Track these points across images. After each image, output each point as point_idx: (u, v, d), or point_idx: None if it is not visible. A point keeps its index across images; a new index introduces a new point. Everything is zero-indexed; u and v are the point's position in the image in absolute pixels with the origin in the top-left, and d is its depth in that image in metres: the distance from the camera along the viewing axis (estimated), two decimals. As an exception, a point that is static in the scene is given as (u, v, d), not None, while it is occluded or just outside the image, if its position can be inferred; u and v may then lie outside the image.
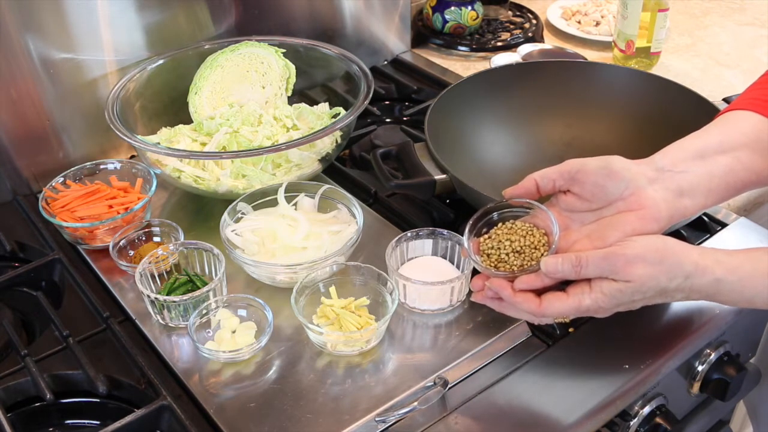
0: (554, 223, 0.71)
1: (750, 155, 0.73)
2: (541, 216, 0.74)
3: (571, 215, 0.74)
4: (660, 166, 0.72)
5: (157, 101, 1.04)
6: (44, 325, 0.82)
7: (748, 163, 0.73)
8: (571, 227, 0.74)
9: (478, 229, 0.76)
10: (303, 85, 1.09)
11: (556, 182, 0.73)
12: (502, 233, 0.74)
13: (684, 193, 0.71)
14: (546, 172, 0.74)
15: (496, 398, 0.72)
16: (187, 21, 1.07)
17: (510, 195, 0.75)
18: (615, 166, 0.71)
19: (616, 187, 0.71)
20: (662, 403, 0.80)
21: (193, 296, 0.77)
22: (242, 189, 0.91)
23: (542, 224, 0.73)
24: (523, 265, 0.71)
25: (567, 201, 0.74)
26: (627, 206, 0.71)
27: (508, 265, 0.72)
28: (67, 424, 0.76)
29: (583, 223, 0.74)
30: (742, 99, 0.78)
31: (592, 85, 1.02)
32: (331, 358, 0.75)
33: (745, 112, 0.76)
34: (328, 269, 0.80)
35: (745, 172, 0.73)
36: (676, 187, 0.71)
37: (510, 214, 0.76)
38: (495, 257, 0.73)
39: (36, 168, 1.00)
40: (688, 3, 1.54)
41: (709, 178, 0.72)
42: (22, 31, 0.92)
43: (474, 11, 1.35)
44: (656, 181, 0.72)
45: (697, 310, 0.81)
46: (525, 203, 0.75)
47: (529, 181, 0.74)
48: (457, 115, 0.98)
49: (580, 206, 0.73)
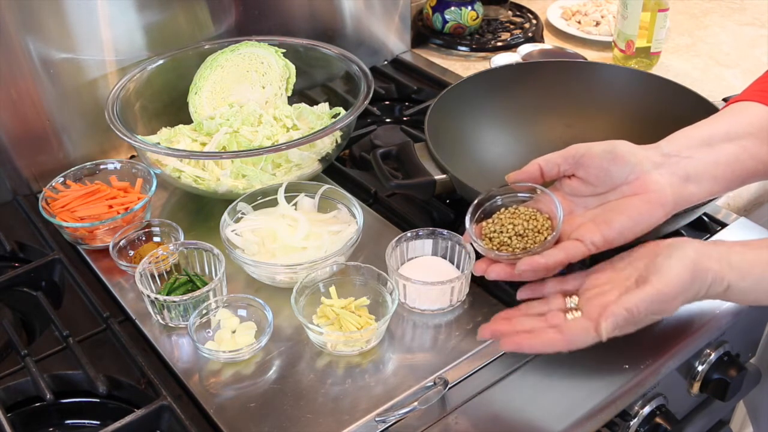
0: (558, 207, 0.71)
1: (757, 144, 0.73)
2: (544, 200, 0.73)
3: (575, 200, 0.74)
4: (666, 152, 0.72)
5: (157, 101, 1.03)
6: (44, 325, 0.82)
7: (754, 152, 0.73)
8: (575, 211, 0.74)
9: (480, 214, 0.75)
10: (303, 85, 1.09)
11: (561, 167, 0.73)
12: (505, 218, 0.73)
13: (690, 179, 0.71)
14: (550, 157, 0.73)
15: (496, 398, 0.72)
16: (187, 21, 1.07)
17: (513, 179, 0.75)
18: (620, 150, 0.71)
19: (621, 171, 0.71)
20: (662, 403, 0.80)
21: (193, 296, 0.77)
22: (242, 189, 0.91)
23: (546, 209, 0.73)
24: (526, 248, 0.70)
25: (571, 185, 0.74)
26: (632, 190, 0.71)
27: (510, 248, 0.71)
28: (67, 424, 0.76)
29: (588, 207, 0.73)
30: (749, 91, 0.78)
31: (592, 85, 1.02)
32: (331, 358, 0.75)
33: (752, 103, 0.76)
34: (328, 269, 0.80)
35: (752, 161, 0.73)
36: (682, 172, 0.71)
37: (513, 199, 0.75)
38: (497, 240, 0.72)
39: (36, 168, 1.00)
40: (688, 3, 1.54)
41: (715, 165, 0.72)
42: (22, 31, 0.92)
43: (474, 11, 1.35)
44: (662, 165, 0.71)
45: (697, 310, 0.81)
46: (528, 188, 0.74)
47: (532, 166, 0.74)
48: (457, 115, 0.98)
49: (585, 190, 0.73)
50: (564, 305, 0.70)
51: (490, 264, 0.72)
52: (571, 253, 0.70)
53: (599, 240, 0.70)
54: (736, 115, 0.75)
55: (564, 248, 0.70)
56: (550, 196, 0.72)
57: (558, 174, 0.74)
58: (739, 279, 0.65)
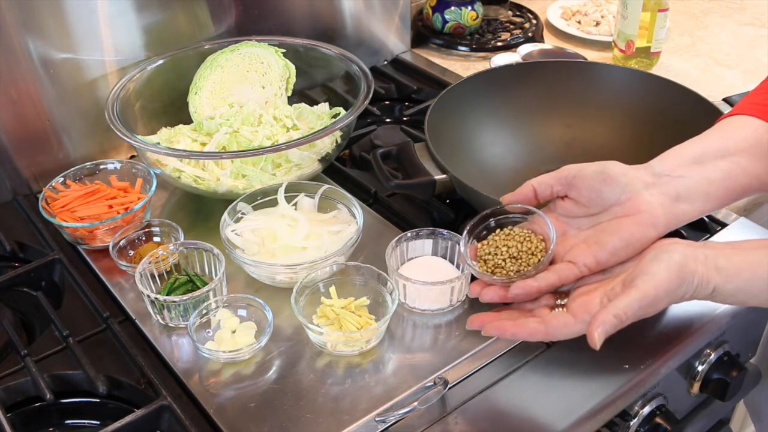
0: (551, 229, 0.72)
1: (750, 160, 0.72)
2: (538, 222, 0.74)
3: (568, 221, 0.74)
4: (657, 171, 0.72)
5: (157, 101, 1.03)
6: (44, 325, 0.82)
7: (748, 168, 0.72)
8: (568, 233, 0.74)
9: (476, 235, 0.76)
10: (303, 85, 1.09)
11: (554, 188, 0.74)
12: (500, 239, 0.74)
13: (681, 198, 0.71)
14: (543, 179, 0.74)
15: (496, 398, 0.72)
16: (187, 21, 1.07)
17: (508, 201, 0.75)
18: (611, 171, 0.71)
19: (612, 192, 0.71)
20: (662, 403, 0.80)
21: (193, 296, 0.77)
22: (242, 189, 0.91)
23: (540, 230, 0.74)
24: (520, 270, 0.71)
25: (564, 206, 0.74)
26: (624, 211, 0.71)
27: (504, 270, 0.72)
28: (67, 424, 0.76)
29: (581, 228, 0.74)
30: (743, 104, 0.77)
31: (592, 85, 1.02)
32: (331, 358, 0.75)
33: (746, 117, 0.75)
34: (328, 269, 0.80)
35: (745, 176, 0.72)
36: (673, 191, 0.71)
37: (508, 220, 0.76)
38: (492, 263, 0.73)
39: (36, 168, 1.00)
40: (688, 3, 1.54)
41: (707, 183, 0.72)
42: (22, 31, 0.92)
43: (474, 11, 1.35)
44: (653, 185, 0.72)
45: (697, 311, 0.81)
46: (523, 209, 0.75)
47: (526, 188, 0.74)
48: (457, 115, 0.98)
49: (578, 211, 0.73)
50: (553, 303, 0.72)
51: (485, 287, 0.73)
52: (563, 275, 0.71)
53: (592, 262, 0.71)
54: (729, 130, 0.75)
55: (557, 271, 0.71)
56: (543, 218, 0.73)
57: (551, 195, 0.74)
58: (725, 282, 0.65)
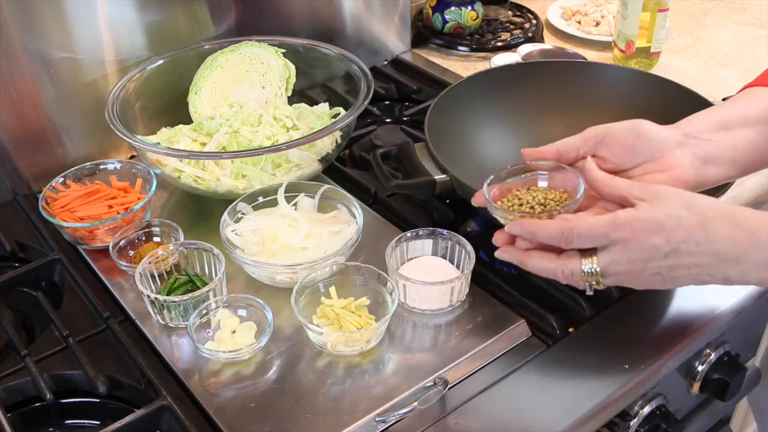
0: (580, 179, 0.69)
1: None
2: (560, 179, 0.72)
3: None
4: (687, 132, 0.72)
5: (157, 101, 1.03)
6: (44, 325, 0.82)
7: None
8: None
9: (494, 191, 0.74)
10: (303, 85, 1.09)
11: (580, 150, 0.72)
12: (522, 194, 0.72)
13: (709, 161, 0.71)
14: (569, 140, 0.73)
15: (496, 398, 0.72)
16: (187, 21, 1.07)
17: (529, 156, 0.74)
18: (644, 129, 0.71)
19: (645, 149, 0.71)
20: (662, 403, 0.80)
21: (193, 296, 0.77)
22: (242, 189, 0.91)
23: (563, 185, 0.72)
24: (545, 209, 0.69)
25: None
26: (656, 167, 0.71)
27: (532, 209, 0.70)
28: (67, 424, 0.76)
29: None
30: (763, 77, 0.78)
31: (592, 85, 1.02)
32: (331, 358, 0.75)
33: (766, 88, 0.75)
34: (328, 269, 0.80)
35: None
36: (702, 153, 0.71)
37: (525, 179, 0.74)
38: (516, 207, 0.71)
39: (36, 168, 1.00)
40: (688, 3, 1.54)
41: (733, 149, 0.72)
42: (22, 31, 0.92)
43: (474, 11, 1.35)
44: (684, 145, 0.72)
45: (698, 310, 0.81)
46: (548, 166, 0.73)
47: (549, 149, 0.73)
48: (457, 115, 0.98)
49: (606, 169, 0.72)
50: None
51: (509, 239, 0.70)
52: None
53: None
54: (751, 100, 0.75)
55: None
56: (570, 172, 0.71)
57: (576, 157, 0.73)
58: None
